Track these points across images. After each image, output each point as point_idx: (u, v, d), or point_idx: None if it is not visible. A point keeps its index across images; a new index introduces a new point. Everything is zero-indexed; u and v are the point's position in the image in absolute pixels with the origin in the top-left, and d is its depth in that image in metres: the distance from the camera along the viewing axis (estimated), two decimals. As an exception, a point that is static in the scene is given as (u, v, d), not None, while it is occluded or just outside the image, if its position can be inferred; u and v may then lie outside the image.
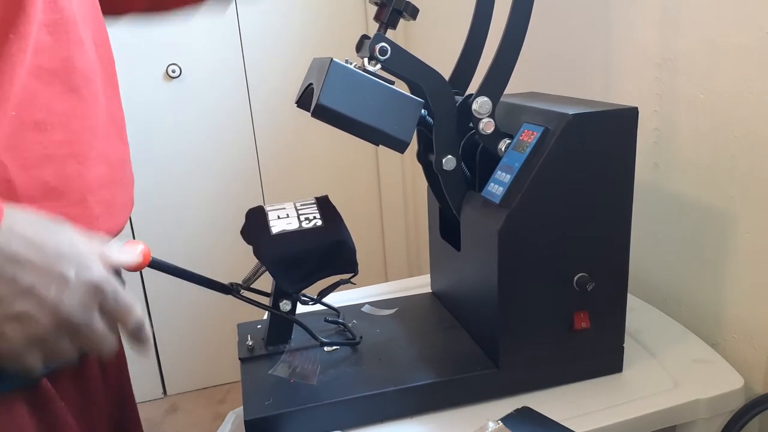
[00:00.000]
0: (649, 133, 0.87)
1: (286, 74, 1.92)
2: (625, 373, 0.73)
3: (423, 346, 0.77)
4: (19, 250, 0.43)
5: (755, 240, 0.74)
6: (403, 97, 0.63)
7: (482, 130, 0.70)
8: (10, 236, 0.43)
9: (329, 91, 0.60)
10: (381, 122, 0.62)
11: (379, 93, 0.62)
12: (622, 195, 0.68)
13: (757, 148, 0.72)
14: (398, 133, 0.63)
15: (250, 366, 0.73)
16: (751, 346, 0.76)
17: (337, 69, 0.61)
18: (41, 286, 0.43)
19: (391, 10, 0.64)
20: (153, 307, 2.01)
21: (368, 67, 0.64)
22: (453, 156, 0.70)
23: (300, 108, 0.67)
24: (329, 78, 0.60)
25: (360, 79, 0.62)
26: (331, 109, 0.60)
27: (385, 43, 0.63)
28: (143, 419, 0.81)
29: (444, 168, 0.71)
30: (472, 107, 0.69)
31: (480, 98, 0.69)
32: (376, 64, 0.64)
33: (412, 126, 0.64)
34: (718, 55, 0.75)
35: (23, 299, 0.43)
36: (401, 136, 0.63)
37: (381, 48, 0.63)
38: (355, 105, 0.61)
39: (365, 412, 0.67)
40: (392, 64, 0.64)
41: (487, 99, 0.69)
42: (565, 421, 0.64)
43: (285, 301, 0.73)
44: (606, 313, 0.71)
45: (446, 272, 0.86)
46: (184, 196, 1.95)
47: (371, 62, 0.64)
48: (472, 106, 0.69)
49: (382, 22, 0.65)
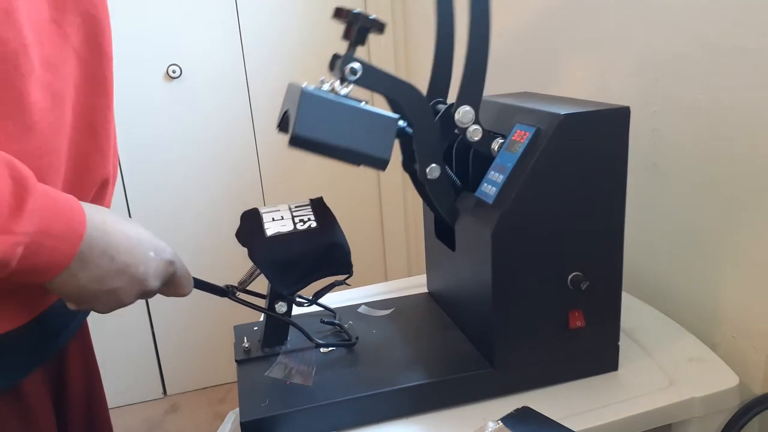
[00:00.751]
0: (649, 134, 0.87)
1: (286, 74, 1.92)
2: (620, 371, 0.73)
3: (419, 347, 0.77)
4: (115, 237, 0.52)
5: (753, 240, 0.74)
6: (377, 117, 0.64)
7: (470, 138, 0.70)
8: (107, 226, 0.52)
9: (303, 121, 0.61)
10: (358, 144, 0.64)
11: (353, 116, 0.63)
12: (615, 193, 0.68)
13: (757, 148, 0.72)
14: (377, 152, 0.64)
15: (246, 368, 0.73)
16: (750, 345, 0.76)
17: (308, 99, 0.62)
18: (132, 266, 0.54)
19: (358, 28, 0.64)
20: (153, 307, 2.01)
21: (340, 91, 0.64)
22: (437, 164, 0.70)
23: (281, 132, 0.68)
24: (301, 108, 0.61)
25: (332, 105, 0.63)
26: (308, 138, 0.62)
27: (354, 64, 0.63)
28: (143, 419, 0.81)
29: (429, 177, 0.71)
30: (455, 118, 0.69)
31: (461, 108, 0.69)
32: (348, 85, 0.65)
33: (390, 143, 0.65)
34: (717, 56, 0.75)
35: (119, 277, 0.53)
36: (380, 155, 0.64)
37: (351, 68, 0.63)
38: (330, 131, 0.63)
39: (361, 413, 0.67)
40: (364, 82, 0.64)
41: (467, 108, 0.69)
42: (561, 420, 0.64)
43: (281, 303, 0.73)
44: (601, 312, 0.71)
45: (442, 272, 0.86)
46: (183, 198, 1.96)
47: (343, 84, 0.65)
48: (455, 116, 0.69)
49: (351, 40, 0.65)
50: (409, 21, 1.89)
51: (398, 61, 1.99)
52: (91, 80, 0.59)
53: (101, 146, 0.61)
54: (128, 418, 1.95)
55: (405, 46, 1.96)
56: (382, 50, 1.97)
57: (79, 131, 0.58)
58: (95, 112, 0.60)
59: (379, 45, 1.96)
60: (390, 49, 1.98)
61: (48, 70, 0.52)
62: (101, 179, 0.62)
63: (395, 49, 1.98)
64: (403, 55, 1.98)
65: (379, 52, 1.97)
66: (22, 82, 0.49)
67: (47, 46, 0.53)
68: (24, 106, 0.50)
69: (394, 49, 1.98)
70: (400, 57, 1.99)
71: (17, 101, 0.49)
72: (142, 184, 1.92)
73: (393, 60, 1.99)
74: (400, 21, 1.95)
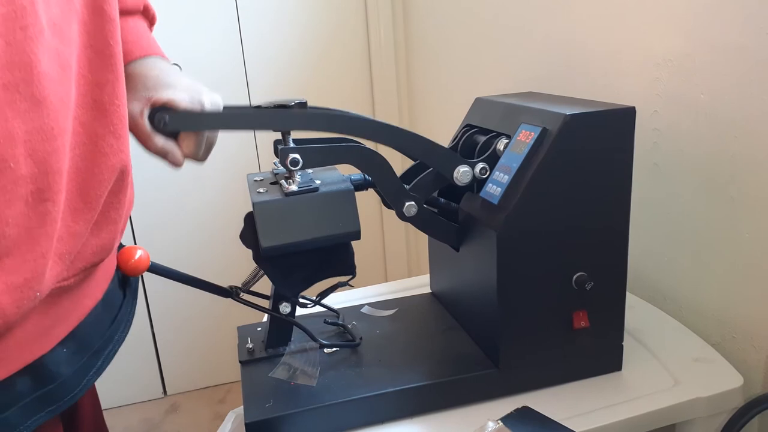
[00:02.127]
0: (649, 133, 0.87)
1: (286, 74, 1.92)
2: (624, 371, 0.73)
3: (423, 347, 0.77)
4: None
5: (755, 240, 0.74)
6: (332, 195, 0.66)
7: (459, 182, 0.71)
8: None
9: (266, 232, 0.63)
10: (326, 229, 0.65)
11: (309, 205, 0.65)
12: (620, 194, 0.68)
13: (757, 148, 0.72)
14: (346, 228, 0.66)
15: (250, 368, 0.73)
16: (751, 345, 0.76)
17: (262, 209, 0.63)
18: None
19: None
20: (153, 307, 2.01)
21: (290, 187, 0.65)
22: (411, 201, 0.70)
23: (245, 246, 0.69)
24: (259, 220, 0.63)
25: (286, 205, 0.64)
26: (277, 246, 0.63)
27: (293, 155, 0.64)
28: (143, 419, 0.81)
29: (407, 215, 0.71)
30: (454, 177, 0.71)
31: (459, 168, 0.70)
32: (294, 177, 0.66)
33: (354, 213, 0.66)
34: (718, 55, 0.75)
35: None
36: (350, 229, 0.66)
37: (292, 160, 0.64)
38: (295, 229, 0.64)
39: (366, 414, 0.67)
40: (309, 164, 0.65)
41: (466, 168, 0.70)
42: (565, 420, 0.64)
43: (284, 304, 0.73)
44: (605, 312, 0.71)
45: (445, 273, 0.86)
46: (185, 200, 1.95)
47: (288, 181, 0.66)
48: (454, 176, 0.71)
49: (281, 132, 0.66)
50: (409, 21, 1.88)
51: (398, 61, 1.99)
52: (95, 49, 0.51)
53: (114, 127, 0.53)
54: (128, 418, 1.95)
55: (405, 46, 1.96)
56: (383, 50, 1.97)
57: (87, 109, 0.50)
58: (102, 87, 0.51)
59: (379, 45, 1.96)
60: (390, 48, 1.98)
61: (55, 35, 0.45)
62: (119, 166, 0.55)
63: (395, 48, 1.98)
64: (403, 56, 1.98)
65: (380, 52, 1.97)
66: (31, 47, 0.42)
67: (53, 4, 0.46)
68: (33, 77, 0.43)
69: (395, 49, 1.98)
70: (400, 57, 1.99)
71: (26, 70, 0.42)
72: (142, 184, 1.91)
73: (393, 60, 1.99)
74: (400, 21, 1.95)
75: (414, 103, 1.98)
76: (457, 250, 0.76)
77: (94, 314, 0.58)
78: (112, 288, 0.63)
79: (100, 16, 0.51)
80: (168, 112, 0.61)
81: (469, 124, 0.81)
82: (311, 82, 1.95)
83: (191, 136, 0.66)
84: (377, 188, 0.71)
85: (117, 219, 0.56)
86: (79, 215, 0.50)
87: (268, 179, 0.72)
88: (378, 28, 1.96)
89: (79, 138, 0.50)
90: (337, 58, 1.96)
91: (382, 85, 2.02)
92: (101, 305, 0.60)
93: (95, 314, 0.59)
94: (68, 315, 0.55)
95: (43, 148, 0.44)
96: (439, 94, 1.73)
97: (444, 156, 0.70)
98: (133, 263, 0.60)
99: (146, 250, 0.61)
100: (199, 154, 0.69)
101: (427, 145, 0.69)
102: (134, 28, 0.69)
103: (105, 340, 0.59)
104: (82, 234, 0.51)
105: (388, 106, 2.04)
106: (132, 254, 0.60)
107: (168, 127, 0.62)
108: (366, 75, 2.01)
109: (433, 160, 0.70)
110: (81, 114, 0.50)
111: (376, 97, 2.03)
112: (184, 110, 0.62)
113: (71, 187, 0.49)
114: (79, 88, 0.50)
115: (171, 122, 0.61)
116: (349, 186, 0.67)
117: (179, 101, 0.63)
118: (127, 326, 0.65)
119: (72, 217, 0.50)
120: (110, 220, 0.55)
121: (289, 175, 0.67)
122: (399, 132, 0.68)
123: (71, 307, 0.55)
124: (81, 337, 0.56)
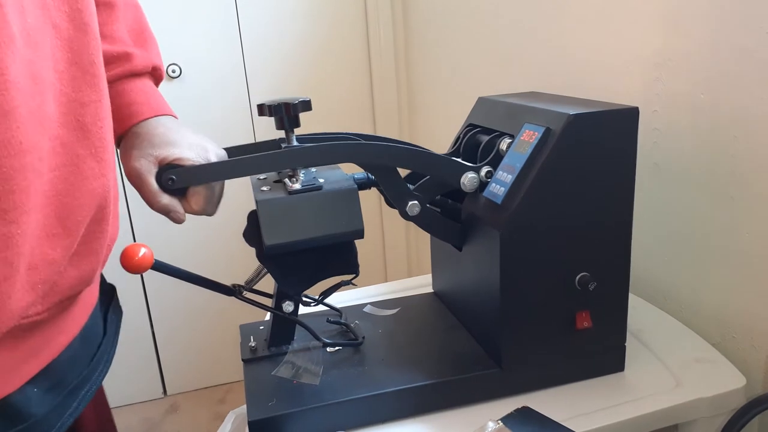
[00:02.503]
0: (649, 133, 0.87)
1: (286, 74, 1.92)
2: (626, 372, 0.73)
3: (425, 347, 0.77)
4: None
5: (755, 240, 0.74)
6: (336, 194, 0.66)
7: (467, 188, 0.71)
8: None
9: (270, 230, 0.63)
10: (329, 227, 0.65)
11: (313, 204, 0.65)
12: (623, 194, 0.68)
13: (757, 148, 0.72)
14: (349, 227, 0.66)
15: (253, 367, 0.73)
16: (751, 345, 0.77)
17: (265, 207, 0.63)
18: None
19: (286, 117, 0.65)
20: (153, 307, 2.01)
21: (293, 185, 0.65)
22: (414, 201, 0.70)
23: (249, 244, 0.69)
24: (263, 218, 0.63)
25: (290, 203, 0.64)
26: (281, 244, 0.63)
27: None
28: (143, 419, 0.81)
29: (410, 215, 0.71)
30: (461, 182, 0.71)
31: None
32: (298, 176, 0.66)
33: (358, 212, 0.66)
34: (718, 55, 0.75)
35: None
36: (353, 228, 0.66)
37: None
38: (298, 227, 0.64)
39: (368, 413, 0.67)
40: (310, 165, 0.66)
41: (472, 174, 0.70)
42: (567, 420, 0.64)
43: (287, 302, 0.73)
44: (608, 313, 0.71)
45: (448, 272, 0.86)
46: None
47: (292, 180, 0.66)
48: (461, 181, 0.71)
49: (285, 129, 0.66)
50: (409, 20, 1.89)
51: (398, 60, 1.99)
52: (79, 66, 0.48)
53: (96, 150, 0.50)
54: (128, 418, 1.95)
55: (405, 46, 1.96)
56: (383, 50, 1.97)
57: (69, 129, 0.48)
58: (85, 106, 0.49)
59: (379, 44, 1.96)
60: (390, 48, 1.98)
61: (28, 45, 0.43)
62: (101, 191, 0.51)
63: (395, 48, 1.98)
64: (403, 55, 1.98)
65: (380, 52, 1.97)
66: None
67: (30, 14, 0.43)
68: (1, 85, 0.40)
69: (394, 48, 1.98)
70: (400, 56, 1.99)
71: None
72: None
73: (393, 59, 1.99)
74: (400, 20, 1.95)
75: (414, 102, 1.99)
76: (459, 250, 0.76)
77: (70, 351, 0.56)
78: (91, 323, 0.61)
79: (84, 32, 0.49)
80: (174, 171, 0.62)
81: (471, 124, 0.81)
82: (311, 82, 1.95)
83: (200, 192, 0.65)
84: (380, 187, 0.71)
85: (99, 250, 0.53)
86: (57, 241, 0.48)
87: (271, 177, 0.72)
88: (378, 28, 1.96)
89: (60, 159, 0.47)
90: (337, 57, 1.96)
91: (382, 84, 2.02)
92: (79, 341, 0.58)
93: (72, 351, 0.56)
94: (39, 351, 0.52)
95: (9, 163, 0.41)
96: (438, 93, 1.73)
97: (449, 166, 0.70)
98: (137, 261, 0.59)
99: (150, 247, 0.61)
100: (208, 209, 0.68)
101: (430, 159, 0.69)
102: (142, 89, 0.69)
103: (82, 380, 0.57)
104: (59, 262, 0.48)
105: (388, 105, 2.04)
106: (136, 252, 0.59)
107: (175, 185, 0.62)
108: (366, 74, 2.01)
109: (438, 172, 0.70)
110: (63, 134, 0.48)
111: (375, 96, 2.03)
112: (191, 166, 0.63)
113: (49, 211, 0.47)
114: (61, 107, 0.47)
115: (178, 179, 0.62)
116: (353, 185, 0.67)
117: (186, 159, 0.63)
118: (106, 365, 0.63)
119: (49, 243, 0.47)
120: (91, 251, 0.52)
121: (293, 173, 0.67)
122: (399, 151, 0.68)
123: (43, 343, 0.52)
124: (54, 374, 0.54)
